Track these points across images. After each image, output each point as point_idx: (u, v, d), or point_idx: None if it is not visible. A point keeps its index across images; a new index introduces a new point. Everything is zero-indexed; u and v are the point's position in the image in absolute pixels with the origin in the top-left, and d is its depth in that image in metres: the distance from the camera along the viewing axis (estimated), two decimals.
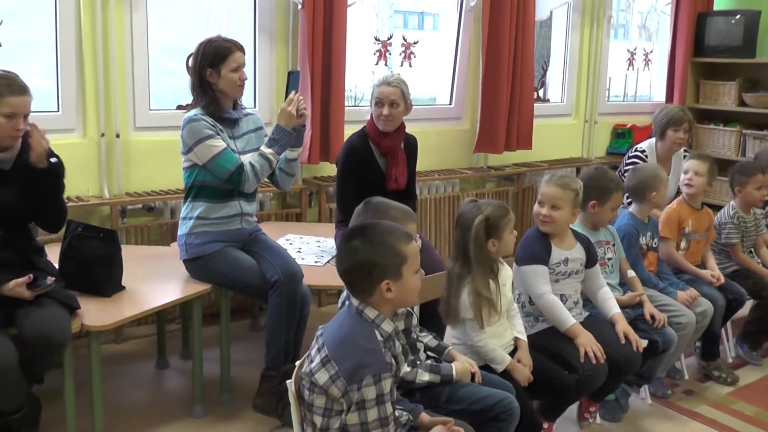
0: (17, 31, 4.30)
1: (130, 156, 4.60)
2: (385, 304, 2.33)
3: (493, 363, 3.08)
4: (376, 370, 2.21)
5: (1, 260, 3.11)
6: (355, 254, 2.31)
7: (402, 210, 2.83)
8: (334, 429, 2.28)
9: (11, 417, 3.13)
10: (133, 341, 4.61)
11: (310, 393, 2.30)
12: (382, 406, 2.22)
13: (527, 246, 3.39)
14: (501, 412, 2.75)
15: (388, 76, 3.97)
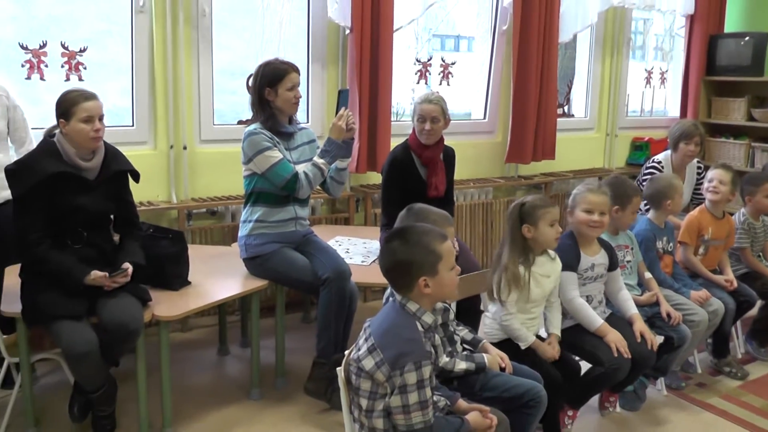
0: (99, 57, 4.38)
1: (195, 166, 4.66)
2: (424, 298, 2.36)
3: (517, 340, 3.11)
4: (416, 357, 2.24)
5: (85, 257, 3.17)
6: (395, 254, 2.35)
7: (441, 215, 2.86)
8: (378, 411, 2.31)
9: (92, 395, 3.23)
10: (197, 330, 4.68)
11: (357, 378, 2.34)
12: (422, 390, 2.25)
13: (560, 253, 3.36)
14: (530, 399, 2.77)
15: (429, 95, 3.98)
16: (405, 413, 2.26)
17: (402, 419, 2.27)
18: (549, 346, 3.17)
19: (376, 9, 4.83)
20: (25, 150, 3.75)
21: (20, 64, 4.16)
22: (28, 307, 3.12)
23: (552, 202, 3.19)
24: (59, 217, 3.12)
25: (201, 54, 4.59)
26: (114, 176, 3.27)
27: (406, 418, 2.26)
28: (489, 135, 5.96)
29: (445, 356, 2.72)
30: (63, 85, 4.22)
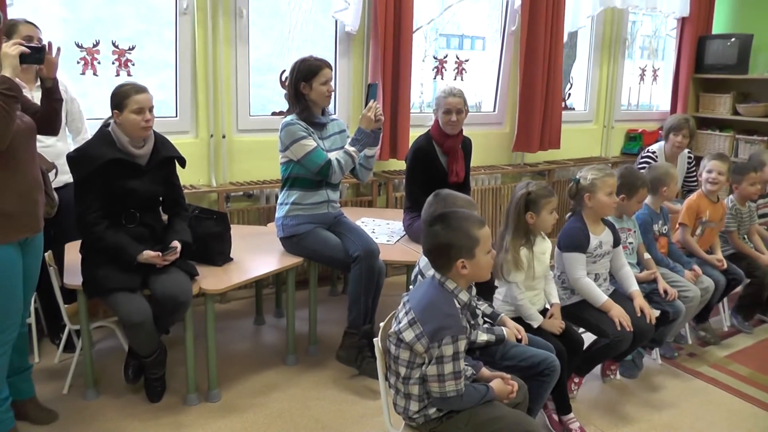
0: (145, 54, 4.39)
1: (233, 153, 4.66)
2: (461, 278, 2.34)
3: (529, 320, 3.10)
4: (454, 332, 2.23)
5: (138, 235, 3.19)
6: (436, 237, 2.34)
7: (466, 200, 2.85)
8: (415, 378, 2.32)
9: (145, 359, 3.27)
10: (235, 302, 4.69)
11: (396, 348, 2.33)
12: (456, 362, 2.25)
13: (570, 235, 3.35)
14: (545, 368, 2.77)
15: (452, 89, 3.94)
16: (440, 382, 2.26)
17: (436, 387, 2.28)
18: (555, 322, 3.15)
19: (398, 11, 4.80)
20: (82, 139, 3.77)
21: (75, 61, 4.18)
22: (87, 280, 3.14)
23: (552, 192, 3.17)
24: (114, 199, 3.13)
25: (238, 51, 4.57)
26: (163, 162, 3.28)
27: (441, 386, 2.27)
28: (498, 126, 5.93)
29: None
30: (114, 80, 4.23)
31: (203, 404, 3.35)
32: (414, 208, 3.96)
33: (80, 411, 3.26)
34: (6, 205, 2.63)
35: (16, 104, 2.51)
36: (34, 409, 3.14)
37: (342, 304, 3.94)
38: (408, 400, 2.38)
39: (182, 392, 3.39)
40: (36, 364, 3.63)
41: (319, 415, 3.29)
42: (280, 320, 4.39)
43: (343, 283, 4.87)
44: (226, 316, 4.45)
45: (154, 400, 3.35)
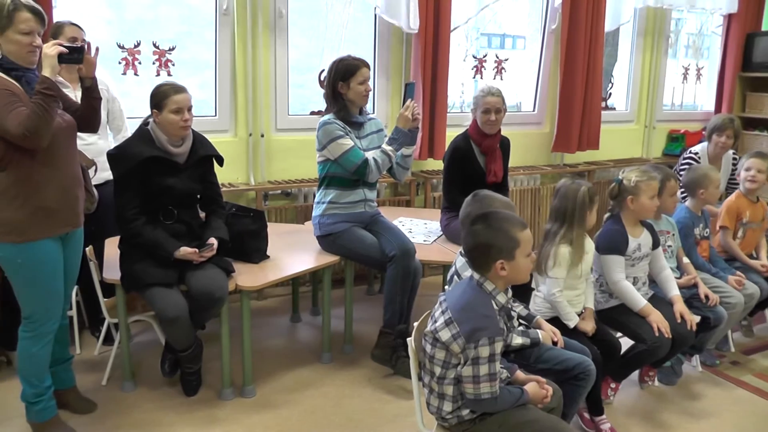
0: (181, 55, 4.43)
1: (271, 151, 4.67)
2: (499, 279, 2.30)
3: (565, 319, 3.04)
4: (491, 333, 2.19)
5: (176, 232, 3.21)
6: (477, 236, 2.30)
7: (503, 201, 2.79)
8: (450, 378, 2.29)
9: (181, 353, 3.29)
10: (272, 299, 4.70)
11: (432, 347, 2.30)
12: (492, 363, 2.20)
13: (609, 237, 3.27)
14: (580, 372, 2.71)
15: (491, 88, 3.88)
16: (474, 383, 2.22)
17: (471, 388, 2.24)
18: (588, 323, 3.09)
19: (437, 10, 4.76)
20: (122, 137, 3.82)
21: (117, 61, 4.24)
22: (125, 275, 3.18)
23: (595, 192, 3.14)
24: (152, 196, 3.16)
25: (278, 51, 4.58)
26: (201, 160, 3.30)
27: (475, 387, 2.23)
28: (537, 126, 5.84)
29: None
30: (154, 80, 4.29)
31: (238, 399, 3.36)
32: (451, 208, 3.91)
33: (118, 402, 3.31)
34: (47, 201, 2.69)
35: (55, 103, 2.56)
36: (75, 398, 3.21)
37: (378, 303, 3.91)
38: (442, 400, 2.34)
39: (217, 387, 3.41)
40: (77, 355, 3.69)
41: (353, 413, 3.27)
42: (316, 318, 4.38)
43: (380, 282, 4.83)
44: (263, 313, 4.46)
45: (189, 393, 3.38)
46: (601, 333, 3.12)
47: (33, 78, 2.62)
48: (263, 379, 3.55)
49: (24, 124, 2.48)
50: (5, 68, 2.60)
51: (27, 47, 2.61)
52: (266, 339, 4.06)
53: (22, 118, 2.49)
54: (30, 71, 2.65)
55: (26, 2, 2.60)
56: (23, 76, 2.63)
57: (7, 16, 2.55)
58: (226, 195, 3.95)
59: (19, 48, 2.60)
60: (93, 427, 3.08)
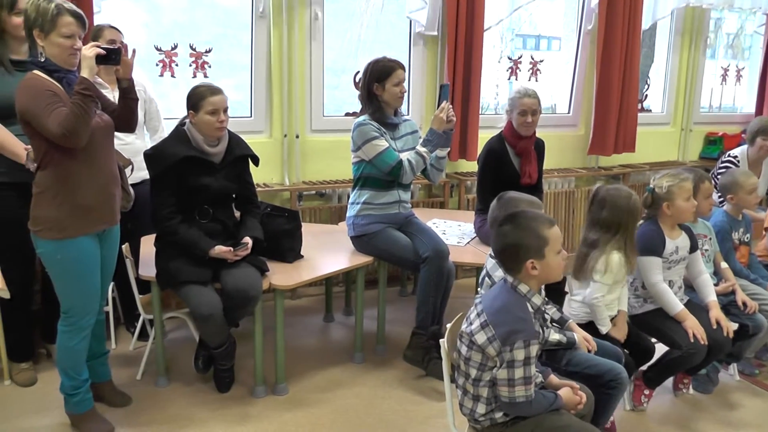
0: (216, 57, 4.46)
1: (306, 152, 4.67)
2: (532, 279, 2.26)
3: (600, 324, 2.99)
4: (526, 336, 2.16)
5: (211, 231, 3.23)
6: (505, 237, 2.27)
7: (529, 201, 2.74)
8: (486, 380, 2.26)
9: (215, 350, 3.31)
10: (305, 298, 4.70)
11: (468, 349, 2.27)
12: (527, 367, 2.17)
13: (646, 238, 3.19)
14: (611, 379, 2.65)
15: (527, 89, 3.84)
16: (509, 386, 2.19)
17: (506, 391, 2.21)
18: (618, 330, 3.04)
19: (470, 12, 4.73)
20: (158, 137, 3.85)
21: (154, 63, 4.30)
22: (161, 272, 3.21)
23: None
24: (188, 195, 3.18)
25: (313, 52, 4.58)
26: (237, 160, 3.31)
27: (510, 390, 2.20)
28: (573, 128, 5.77)
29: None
30: (191, 81, 4.34)
31: (270, 397, 3.37)
32: (485, 210, 3.83)
33: (152, 396, 3.35)
34: (85, 199, 2.74)
35: (93, 103, 2.60)
36: (110, 392, 3.25)
37: (411, 304, 3.89)
38: (476, 402, 2.31)
39: (250, 384, 3.42)
40: (112, 350, 3.74)
41: (384, 413, 3.25)
42: (348, 318, 4.38)
43: (413, 283, 4.83)
44: (296, 312, 4.47)
45: (222, 390, 3.39)
46: (635, 337, 3.06)
47: (73, 79, 2.66)
48: (295, 377, 3.55)
49: (63, 123, 2.53)
50: (48, 70, 2.66)
51: (68, 50, 2.66)
52: (299, 338, 4.07)
53: (61, 118, 2.54)
54: (71, 73, 2.70)
55: (69, 7, 2.66)
56: (64, 78, 2.68)
57: (51, 20, 2.61)
58: (261, 195, 3.96)
59: (61, 51, 2.66)
60: (128, 421, 3.11)
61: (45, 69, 2.66)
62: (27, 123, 2.63)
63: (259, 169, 3.49)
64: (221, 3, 4.50)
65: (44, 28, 2.62)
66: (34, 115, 2.57)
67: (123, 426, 3.06)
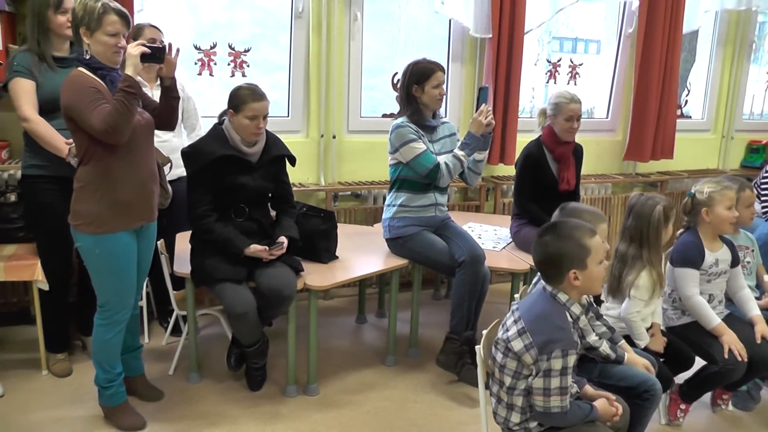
0: (260, 56, 4.48)
1: (342, 153, 4.66)
2: (573, 290, 2.22)
3: (637, 339, 2.91)
4: (564, 345, 2.12)
5: (246, 230, 3.23)
6: (546, 247, 2.23)
7: (593, 213, 2.65)
8: (520, 389, 2.22)
9: (248, 349, 3.31)
10: (338, 299, 4.69)
11: (503, 356, 2.23)
12: (564, 377, 2.13)
13: (684, 250, 3.10)
14: (645, 391, 2.57)
15: (573, 95, 3.76)
16: (545, 396, 2.15)
17: (541, 401, 2.16)
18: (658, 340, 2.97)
19: (512, 14, 4.67)
20: (196, 135, 3.87)
21: (193, 62, 4.32)
22: (196, 269, 3.21)
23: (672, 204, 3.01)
24: (224, 194, 3.18)
25: (351, 53, 4.57)
26: (273, 160, 3.31)
27: (545, 400, 2.15)
28: (610, 133, 5.67)
29: (594, 335, 2.54)
30: (229, 80, 4.36)
31: (301, 397, 3.36)
32: (522, 215, 3.82)
33: (184, 392, 3.36)
34: (124, 195, 2.76)
35: (136, 100, 2.63)
36: (143, 386, 3.27)
37: (444, 308, 3.85)
38: (510, 411, 2.27)
39: (281, 383, 3.41)
40: (145, 344, 3.76)
41: (416, 417, 3.22)
42: (381, 320, 4.35)
43: (446, 287, 4.78)
44: (329, 313, 4.45)
45: (254, 388, 3.39)
46: (673, 344, 2.99)
47: (116, 77, 2.70)
48: (327, 378, 3.53)
49: (106, 119, 2.56)
50: (92, 67, 2.69)
51: (113, 48, 2.70)
52: (331, 338, 4.05)
53: (104, 114, 2.56)
54: (114, 71, 2.73)
55: (115, 6, 2.69)
56: (107, 75, 2.71)
57: (97, 18, 2.65)
58: (297, 195, 3.95)
59: (105, 48, 2.69)
60: (160, 415, 3.13)
61: (89, 66, 2.69)
62: (70, 119, 2.66)
63: (295, 168, 3.48)
64: (260, 3, 4.50)
65: (90, 26, 2.65)
66: (78, 111, 2.60)
67: (155, 420, 3.07)
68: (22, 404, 3.19)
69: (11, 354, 3.67)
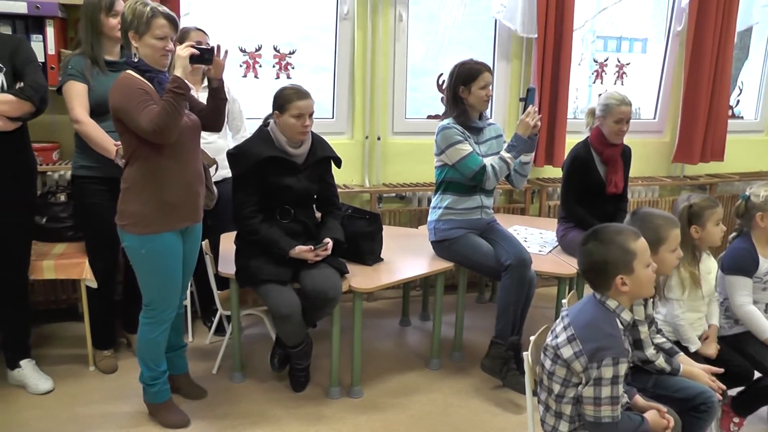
0: (304, 58, 4.48)
1: (387, 154, 4.62)
2: (622, 296, 2.14)
3: (687, 343, 2.80)
4: (615, 353, 2.03)
5: (292, 231, 3.21)
6: (590, 255, 2.16)
7: (665, 217, 2.52)
8: (569, 397, 2.15)
9: (292, 349, 3.29)
10: (382, 301, 4.64)
11: (552, 363, 2.16)
12: (615, 386, 2.04)
13: (736, 256, 2.97)
14: (701, 403, 2.44)
15: (624, 97, 3.65)
16: (595, 405, 2.07)
17: (591, 410, 2.08)
18: (711, 345, 2.85)
19: (559, 13, 4.58)
20: (241, 137, 3.87)
21: (238, 64, 4.34)
22: (240, 270, 3.20)
23: (716, 202, 2.84)
24: (270, 195, 3.17)
25: (396, 54, 4.53)
26: (319, 161, 3.29)
27: (596, 410, 2.07)
28: (657, 134, 5.50)
29: (652, 348, 2.46)
30: (273, 82, 4.35)
31: (345, 399, 3.33)
32: (568, 219, 3.73)
33: (227, 391, 3.36)
34: (171, 196, 2.77)
35: (184, 102, 2.64)
36: (187, 384, 3.29)
37: (488, 312, 3.78)
38: (558, 420, 2.20)
39: (325, 385, 3.38)
40: (189, 343, 3.75)
41: (459, 423, 3.16)
42: (425, 323, 4.29)
43: (491, 290, 4.71)
44: (372, 315, 4.41)
45: (297, 389, 3.38)
46: (726, 355, 2.85)
47: (164, 79, 2.71)
48: (371, 380, 3.49)
49: (155, 120, 2.57)
50: (140, 70, 2.71)
51: (161, 51, 2.72)
52: (375, 341, 4.00)
53: (153, 115, 2.57)
54: (162, 73, 2.75)
55: (163, 10, 2.71)
56: (155, 78, 2.72)
57: (146, 22, 2.67)
58: (342, 196, 3.93)
59: (153, 51, 2.71)
60: (203, 413, 3.13)
61: (138, 69, 2.71)
62: (119, 120, 2.67)
63: (339, 170, 3.45)
64: (305, 5, 4.49)
65: (139, 29, 2.68)
66: (126, 112, 2.62)
67: (198, 418, 3.08)
68: (71, 399, 3.24)
69: (60, 350, 3.72)
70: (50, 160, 3.75)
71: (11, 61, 2.99)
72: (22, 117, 3.01)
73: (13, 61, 3.00)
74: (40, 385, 3.28)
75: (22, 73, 3.00)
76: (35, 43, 3.48)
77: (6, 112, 2.93)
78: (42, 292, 4.00)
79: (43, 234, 3.50)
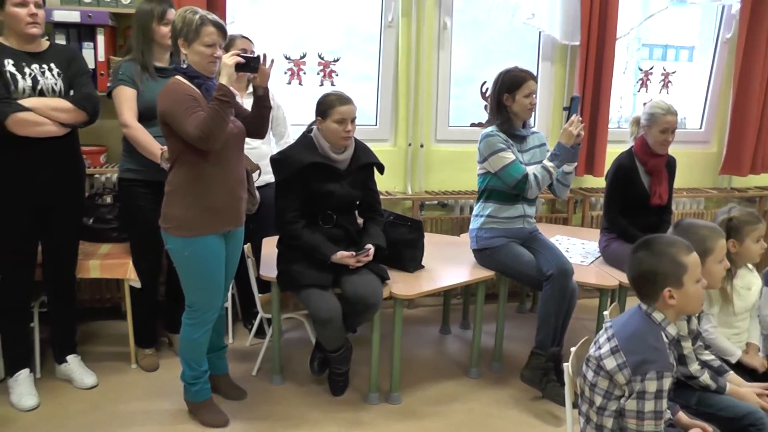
0: (348, 66, 4.50)
1: (430, 162, 4.61)
2: (669, 309, 2.09)
3: (725, 355, 2.71)
4: (660, 366, 1.98)
5: (333, 236, 3.21)
6: (640, 264, 2.11)
7: (710, 228, 2.46)
8: (611, 410, 2.09)
9: (331, 354, 3.29)
10: (422, 308, 4.61)
11: (595, 375, 2.11)
12: (659, 400, 1.99)
13: None
14: (751, 424, 2.36)
15: (670, 106, 3.56)
16: (638, 419, 2.01)
17: (634, 424, 2.03)
18: (755, 358, 2.75)
19: (602, 21, 4.51)
20: (284, 143, 3.90)
21: (283, 72, 4.38)
22: (282, 274, 3.22)
23: (759, 218, 2.75)
24: (312, 201, 3.17)
25: (440, 62, 4.51)
26: (362, 167, 3.29)
27: (639, 424, 2.02)
28: (704, 145, 5.36)
29: (696, 364, 2.40)
30: (317, 89, 4.38)
31: (383, 405, 3.31)
32: (611, 229, 3.65)
33: (266, 393, 3.37)
34: (214, 201, 2.80)
35: (229, 109, 2.67)
36: (227, 385, 3.31)
37: (529, 322, 3.72)
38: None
39: (364, 390, 3.37)
40: (230, 344, 3.79)
41: None
42: (465, 331, 4.25)
43: (532, 300, 4.65)
44: (412, 322, 4.39)
45: (336, 394, 3.37)
46: None
47: (212, 86, 2.74)
48: (409, 387, 3.47)
49: (201, 126, 2.60)
50: (189, 76, 2.75)
51: (209, 58, 2.75)
52: (414, 348, 3.98)
53: (199, 122, 2.61)
54: (210, 80, 2.78)
55: (212, 18, 2.75)
56: (203, 84, 2.76)
57: (195, 30, 2.71)
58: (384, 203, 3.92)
59: (202, 58, 2.75)
60: (242, 414, 3.15)
61: (186, 75, 2.75)
62: (166, 124, 2.71)
63: (382, 177, 3.45)
64: (350, 13, 4.51)
65: (188, 37, 2.72)
66: (173, 117, 2.65)
67: (237, 419, 3.10)
68: (114, 395, 3.29)
69: (104, 347, 3.79)
70: (98, 163, 3.83)
71: (68, 69, 3.07)
72: (74, 124, 3.08)
73: (69, 70, 3.07)
74: (85, 380, 3.35)
75: (75, 83, 3.08)
76: (86, 51, 3.60)
77: (62, 119, 3.00)
78: (87, 291, 4.09)
79: (89, 234, 3.59)
